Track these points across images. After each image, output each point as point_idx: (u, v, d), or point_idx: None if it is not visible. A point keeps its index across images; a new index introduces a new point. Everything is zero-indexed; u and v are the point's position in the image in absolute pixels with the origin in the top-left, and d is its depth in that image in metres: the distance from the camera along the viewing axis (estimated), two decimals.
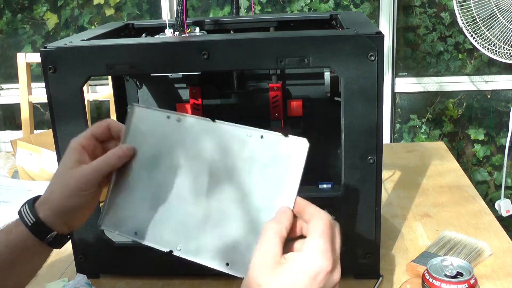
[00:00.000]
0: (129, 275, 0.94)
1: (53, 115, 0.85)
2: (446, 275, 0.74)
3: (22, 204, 0.65)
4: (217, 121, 0.61)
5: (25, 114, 2.16)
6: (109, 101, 2.31)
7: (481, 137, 2.59)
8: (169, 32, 0.97)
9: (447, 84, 2.56)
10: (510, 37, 1.97)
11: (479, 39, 2.00)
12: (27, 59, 2.14)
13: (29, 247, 0.64)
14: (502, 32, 1.97)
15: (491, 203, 2.29)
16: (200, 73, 1.05)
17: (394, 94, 2.57)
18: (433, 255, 0.90)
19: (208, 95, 1.10)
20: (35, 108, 2.52)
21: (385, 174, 1.34)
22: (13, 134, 2.71)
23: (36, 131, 2.23)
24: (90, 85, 2.49)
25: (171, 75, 1.10)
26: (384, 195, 1.22)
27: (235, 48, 0.81)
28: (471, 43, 2.03)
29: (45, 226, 0.63)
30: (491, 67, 2.54)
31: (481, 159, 2.63)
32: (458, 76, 2.56)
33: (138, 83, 1.11)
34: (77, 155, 0.65)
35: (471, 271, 0.74)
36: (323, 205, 0.75)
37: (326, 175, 1.10)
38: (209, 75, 1.08)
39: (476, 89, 2.56)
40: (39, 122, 2.70)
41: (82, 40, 0.88)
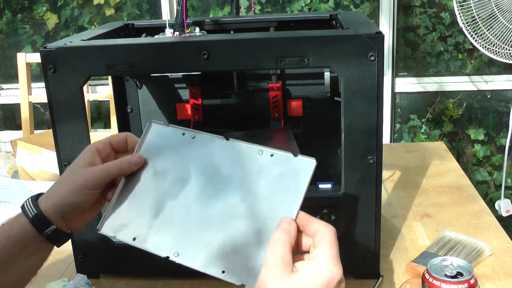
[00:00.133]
0: (129, 275, 0.94)
1: (53, 115, 0.85)
2: (446, 275, 0.74)
3: (25, 200, 0.67)
4: (231, 139, 0.63)
5: (25, 114, 2.16)
6: (109, 101, 2.31)
7: (481, 137, 2.59)
8: (169, 32, 0.97)
9: (447, 84, 2.56)
10: (510, 37, 1.97)
11: (479, 39, 2.00)
12: (27, 59, 2.14)
13: (29, 240, 0.65)
14: (502, 32, 1.97)
15: (491, 203, 2.29)
16: (200, 73, 1.05)
17: (394, 94, 2.57)
18: (433, 255, 0.90)
19: (208, 95, 1.10)
20: (35, 108, 2.52)
21: (385, 174, 1.34)
22: (13, 134, 2.71)
23: (36, 131, 2.23)
24: (90, 85, 2.49)
25: (171, 75, 1.10)
26: (384, 195, 1.22)
27: (235, 48, 0.81)
28: (471, 43, 2.03)
29: (45, 218, 0.64)
30: (491, 67, 2.54)
31: (481, 159, 2.63)
32: (458, 76, 2.56)
33: (138, 83, 1.11)
34: (90, 157, 0.67)
35: (471, 271, 0.74)
36: (323, 205, 0.75)
37: (326, 175, 1.10)
38: (209, 75, 1.08)
39: (476, 89, 2.56)
40: (39, 122, 2.70)
41: (82, 40, 0.88)
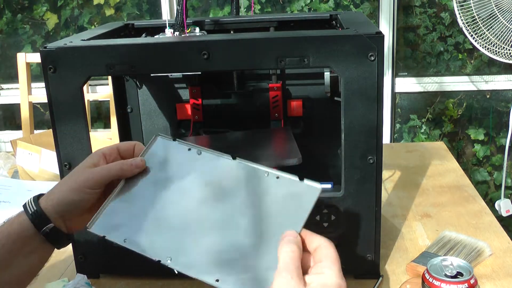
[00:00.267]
0: (129, 275, 0.94)
1: (53, 115, 0.85)
2: (446, 275, 0.73)
3: (25, 201, 0.67)
4: (238, 158, 0.63)
5: (25, 114, 2.16)
6: (109, 101, 2.31)
7: (481, 137, 2.59)
8: (169, 32, 0.96)
9: (447, 84, 2.56)
10: (510, 37, 1.97)
11: (479, 39, 2.00)
12: (27, 59, 2.14)
13: (29, 238, 0.65)
14: (502, 32, 1.97)
15: (491, 203, 2.29)
16: (200, 73, 1.05)
17: (394, 94, 2.57)
18: (433, 255, 0.90)
19: (208, 95, 1.10)
20: (35, 108, 2.52)
21: (385, 174, 1.34)
22: (13, 134, 2.70)
23: (36, 131, 2.23)
24: (90, 85, 2.49)
25: (171, 75, 1.10)
26: (384, 195, 1.22)
27: (235, 48, 0.81)
28: (471, 43, 2.03)
29: (44, 216, 0.65)
30: (491, 67, 2.54)
31: (481, 159, 2.63)
32: (458, 76, 2.56)
33: (138, 83, 1.11)
34: (95, 159, 0.68)
35: (471, 271, 0.74)
36: (323, 205, 0.75)
37: (326, 175, 1.10)
38: (209, 75, 1.08)
39: (476, 89, 2.56)
40: (39, 122, 2.70)
41: (82, 40, 0.88)
